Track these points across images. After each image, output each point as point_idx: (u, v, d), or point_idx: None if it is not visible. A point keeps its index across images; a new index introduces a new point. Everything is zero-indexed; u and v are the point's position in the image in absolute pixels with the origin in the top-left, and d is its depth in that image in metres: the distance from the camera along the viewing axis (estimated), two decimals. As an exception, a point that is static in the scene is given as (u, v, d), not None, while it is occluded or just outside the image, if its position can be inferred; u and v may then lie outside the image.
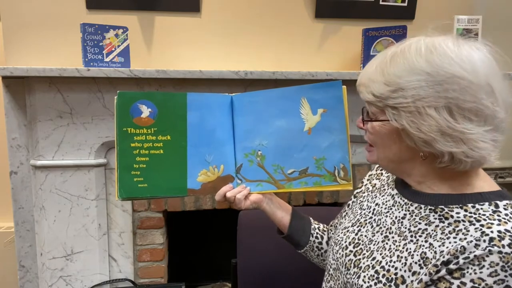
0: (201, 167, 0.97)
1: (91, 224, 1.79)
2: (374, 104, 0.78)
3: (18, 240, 1.83)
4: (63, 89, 1.69)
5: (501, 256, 0.68)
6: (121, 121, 0.94)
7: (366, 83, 0.79)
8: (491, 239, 0.69)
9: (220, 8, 1.83)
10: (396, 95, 0.74)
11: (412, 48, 0.75)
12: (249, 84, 1.78)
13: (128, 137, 0.94)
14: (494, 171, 2.39)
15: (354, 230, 0.93)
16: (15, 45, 1.72)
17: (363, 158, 1.89)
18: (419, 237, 0.78)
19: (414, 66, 0.72)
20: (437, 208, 0.78)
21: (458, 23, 1.83)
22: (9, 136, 1.76)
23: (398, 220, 0.85)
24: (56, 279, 1.80)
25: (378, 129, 0.80)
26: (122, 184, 0.94)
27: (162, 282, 1.92)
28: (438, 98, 0.71)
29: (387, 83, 0.74)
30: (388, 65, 0.75)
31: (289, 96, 0.97)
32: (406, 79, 0.72)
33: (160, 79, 1.69)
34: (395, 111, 0.75)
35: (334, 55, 1.93)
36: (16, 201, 1.81)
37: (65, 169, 1.74)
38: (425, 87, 0.71)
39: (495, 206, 0.74)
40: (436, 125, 0.71)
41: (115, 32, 1.64)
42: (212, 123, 0.98)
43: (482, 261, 0.69)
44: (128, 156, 0.94)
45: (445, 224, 0.76)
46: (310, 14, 1.89)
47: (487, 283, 0.68)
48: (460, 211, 0.76)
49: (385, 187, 0.96)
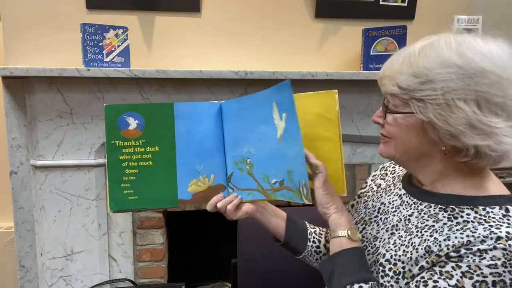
0: (191, 177, 0.96)
1: (91, 224, 1.79)
2: (399, 96, 0.77)
3: (18, 240, 1.83)
4: (63, 89, 1.69)
5: (505, 253, 0.69)
6: (110, 134, 0.94)
7: (391, 75, 0.78)
8: (499, 238, 0.70)
9: (220, 8, 1.83)
10: (424, 87, 0.74)
11: (441, 42, 0.75)
12: (249, 84, 1.78)
13: (116, 149, 0.94)
14: (494, 171, 2.39)
15: (358, 228, 0.93)
16: (15, 45, 1.72)
17: (363, 158, 1.89)
18: (425, 232, 0.79)
19: (445, 58, 0.73)
20: (447, 208, 0.79)
21: (458, 23, 1.82)
22: (9, 136, 1.76)
23: (405, 218, 0.85)
24: (56, 279, 1.80)
25: (400, 121, 0.79)
26: (112, 197, 0.94)
27: (162, 282, 1.92)
28: (468, 91, 0.71)
29: (416, 74, 0.74)
30: (417, 58, 0.76)
31: (263, 101, 0.90)
32: (436, 71, 0.73)
33: (160, 79, 1.69)
34: (422, 103, 0.75)
35: (334, 55, 1.93)
36: (16, 201, 1.81)
37: (65, 169, 1.74)
38: (456, 80, 0.72)
39: (505, 210, 0.75)
40: (465, 117, 0.71)
41: (115, 32, 1.64)
42: (201, 132, 0.97)
43: (484, 254, 0.70)
44: (117, 169, 0.94)
45: (454, 223, 0.76)
46: (310, 14, 1.89)
47: (483, 272, 0.69)
48: (471, 212, 0.76)
49: (391, 187, 0.96)
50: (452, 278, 0.70)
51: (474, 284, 0.69)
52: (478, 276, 0.69)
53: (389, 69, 0.79)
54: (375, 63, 1.81)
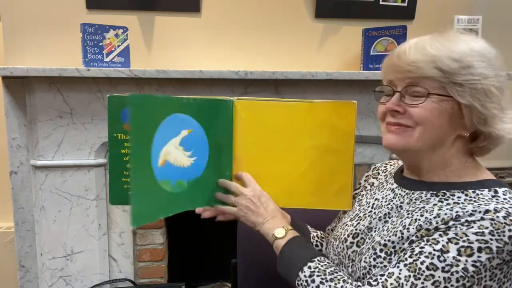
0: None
1: (91, 224, 1.79)
2: (437, 79, 0.77)
3: (18, 240, 1.83)
4: (63, 89, 1.69)
5: (493, 223, 0.70)
6: (112, 127, 0.91)
7: (427, 58, 0.77)
8: (487, 211, 0.72)
9: (220, 8, 1.83)
10: (465, 72, 0.76)
11: (457, 34, 0.81)
12: (249, 84, 1.78)
13: (118, 143, 0.92)
14: (494, 171, 2.39)
15: (353, 224, 0.94)
16: (15, 45, 1.72)
17: (363, 158, 1.89)
18: (415, 214, 0.80)
19: (479, 49, 0.78)
20: (439, 193, 0.81)
21: (458, 23, 1.82)
22: (9, 136, 1.76)
23: (397, 206, 0.86)
24: (56, 279, 1.80)
25: (435, 106, 0.78)
26: (112, 190, 0.93)
27: (162, 282, 1.92)
28: (496, 80, 0.77)
29: (458, 59, 0.77)
30: (453, 42, 0.78)
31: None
32: (475, 58, 0.77)
33: (160, 79, 1.69)
34: (461, 87, 0.77)
35: (334, 55, 1.93)
36: (16, 201, 1.81)
37: (65, 169, 1.74)
38: (488, 68, 0.77)
39: (494, 192, 0.77)
40: (498, 102, 0.77)
41: (115, 32, 1.64)
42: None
43: (472, 223, 0.72)
44: (119, 163, 0.93)
45: (444, 204, 0.78)
46: (310, 14, 1.89)
47: (469, 238, 0.71)
48: (461, 195, 0.78)
49: (383, 184, 0.97)
50: (438, 244, 0.72)
51: (459, 249, 0.70)
52: (464, 242, 0.71)
53: (422, 53, 0.78)
54: (375, 63, 1.81)
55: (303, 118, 0.97)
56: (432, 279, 0.71)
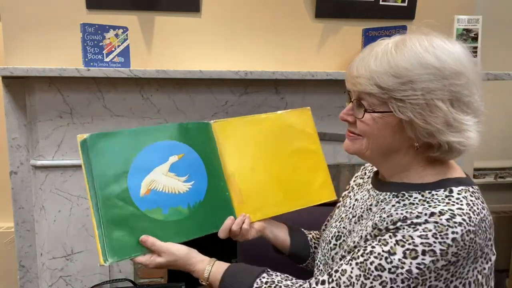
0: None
1: (91, 224, 1.78)
2: (377, 96, 0.78)
3: (18, 240, 1.83)
4: (63, 89, 1.69)
5: (436, 226, 0.72)
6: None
7: (368, 74, 0.78)
8: (432, 214, 0.74)
9: (220, 8, 1.83)
10: (405, 88, 0.75)
11: (415, 43, 0.77)
12: (249, 84, 1.78)
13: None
14: (494, 171, 2.39)
15: (336, 225, 0.96)
16: (15, 45, 1.72)
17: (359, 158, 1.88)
18: (376, 214, 0.83)
19: (424, 60, 0.75)
20: (399, 194, 0.83)
21: (458, 23, 1.83)
22: (9, 136, 1.76)
23: (368, 208, 0.89)
24: (56, 279, 1.80)
25: (377, 120, 0.80)
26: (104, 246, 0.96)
27: (162, 282, 1.92)
28: (445, 92, 0.75)
29: (396, 75, 0.75)
30: (395, 57, 0.76)
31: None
32: (417, 72, 0.75)
33: (160, 79, 1.69)
34: (401, 103, 0.76)
35: (334, 55, 1.93)
36: (16, 201, 1.81)
37: (65, 169, 1.74)
38: (434, 81, 0.75)
39: (449, 191, 0.78)
40: (443, 116, 0.75)
41: (115, 32, 1.64)
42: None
43: (417, 226, 0.74)
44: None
45: (400, 205, 0.81)
46: (310, 14, 1.89)
47: (414, 241, 0.73)
48: (418, 196, 0.80)
49: (364, 184, 0.99)
50: (387, 245, 0.75)
51: (404, 252, 0.73)
52: (409, 245, 0.73)
53: (365, 68, 0.79)
54: (375, 63, 1.81)
55: (275, 128, 1.06)
56: (380, 279, 0.74)
